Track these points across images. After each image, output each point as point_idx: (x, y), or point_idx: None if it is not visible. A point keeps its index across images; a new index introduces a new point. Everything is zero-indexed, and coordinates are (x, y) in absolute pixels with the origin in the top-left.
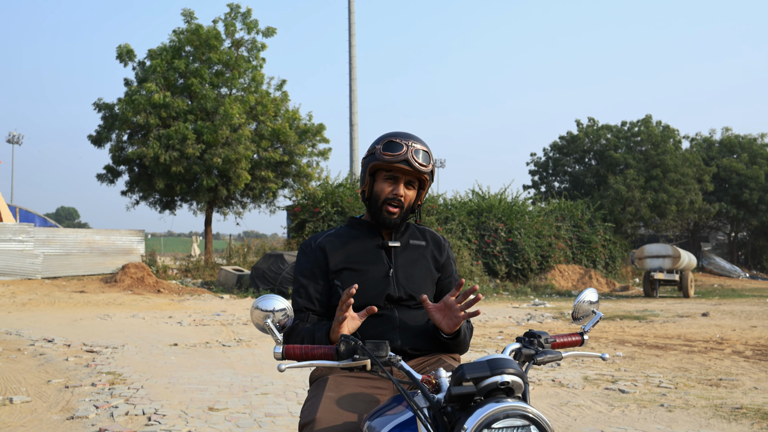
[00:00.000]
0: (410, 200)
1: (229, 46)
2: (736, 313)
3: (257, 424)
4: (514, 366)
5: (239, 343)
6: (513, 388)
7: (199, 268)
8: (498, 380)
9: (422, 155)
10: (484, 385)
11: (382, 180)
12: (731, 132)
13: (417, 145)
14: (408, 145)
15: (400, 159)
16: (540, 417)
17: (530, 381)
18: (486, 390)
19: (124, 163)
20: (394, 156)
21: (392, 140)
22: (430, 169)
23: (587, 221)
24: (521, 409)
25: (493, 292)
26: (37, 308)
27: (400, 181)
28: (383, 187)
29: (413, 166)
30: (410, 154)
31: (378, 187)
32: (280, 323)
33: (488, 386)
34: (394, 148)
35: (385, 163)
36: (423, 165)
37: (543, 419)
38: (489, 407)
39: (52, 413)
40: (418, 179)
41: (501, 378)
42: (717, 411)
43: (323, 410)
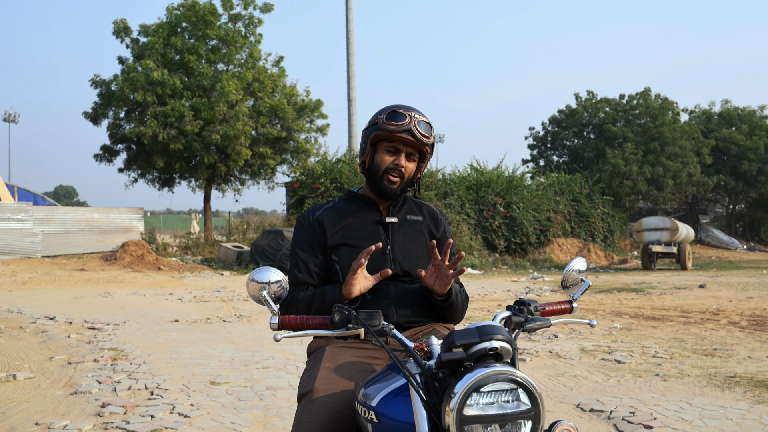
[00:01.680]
0: (410, 172)
1: (225, 21)
2: (733, 284)
3: (258, 397)
4: (503, 332)
5: (240, 318)
6: (501, 354)
7: (199, 245)
8: (487, 346)
9: (424, 126)
10: (473, 351)
11: (383, 151)
12: (730, 104)
13: (419, 116)
14: (411, 115)
15: (403, 129)
16: (527, 381)
17: (528, 352)
18: (475, 356)
19: (122, 142)
20: (397, 126)
21: (396, 110)
22: (431, 140)
23: (586, 195)
24: (509, 374)
25: (492, 267)
26: (37, 286)
27: (402, 151)
28: (384, 157)
29: (416, 136)
30: (413, 124)
31: (379, 158)
32: (275, 295)
33: (477, 352)
34: (398, 117)
35: (388, 133)
36: (425, 136)
37: (530, 383)
38: (478, 372)
39: (55, 389)
40: (419, 151)
41: (489, 344)
42: (711, 380)
43: (321, 380)
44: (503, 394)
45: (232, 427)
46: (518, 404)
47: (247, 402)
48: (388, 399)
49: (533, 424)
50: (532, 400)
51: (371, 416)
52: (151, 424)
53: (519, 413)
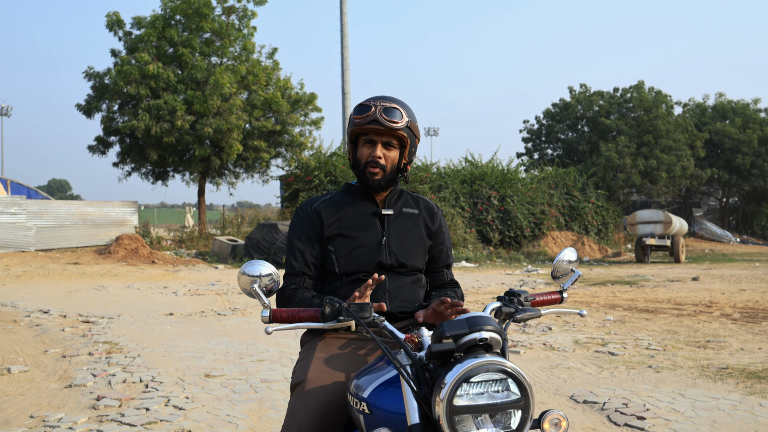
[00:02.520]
0: (393, 161)
1: (219, 14)
2: (726, 277)
3: (253, 389)
4: (492, 323)
5: (234, 311)
6: (491, 344)
7: (193, 239)
8: (476, 337)
9: (392, 112)
10: (463, 342)
11: (362, 145)
12: (724, 98)
13: (387, 103)
14: (376, 105)
15: (369, 119)
16: (516, 370)
17: (522, 345)
18: (465, 346)
19: (115, 134)
20: (363, 117)
21: (362, 104)
22: (402, 125)
23: (580, 188)
24: (498, 364)
25: (487, 260)
26: (31, 280)
27: (377, 142)
28: (363, 151)
29: (383, 124)
30: (378, 113)
31: (359, 153)
32: (266, 288)
33: (467, 343)
34: (363, 110)
35: (359, 127)
36: (393, 122)
37: (519, 372)
38: (467, 362)
39: (50, 382)
40: (398, 139)
41: (479, 335)
42: (704, 371)
43: (314, 370)
44: (493, 384)
45: (227, 420)
46: (508, 394)
47: (242, 394)
48: (380, 390)
49: (523, 413)
50: (521, 390)
51: (363, 407)
52: (146, 417)
53: (509, 403)
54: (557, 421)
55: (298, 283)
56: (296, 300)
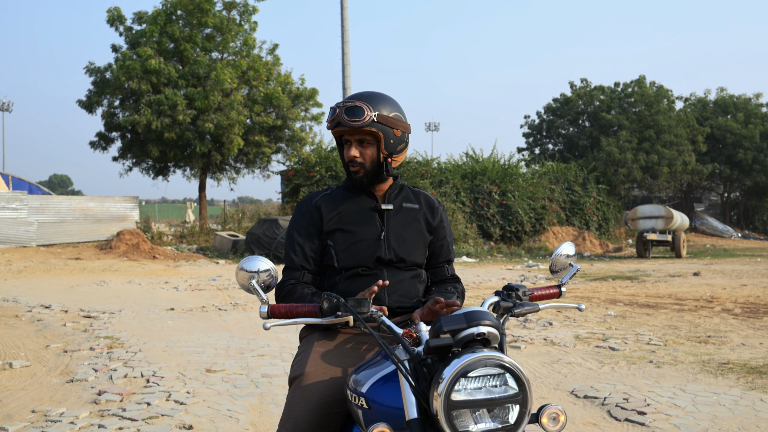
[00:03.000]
0: (371, 157)
1: (220, 9)
2: (727, 272)
3: (254, 384)
4: (490, 318)
5: (235, 306)
6: (489, 339)
7: (194, 234)
8: (474, 332)
9: (354, 111)
10: (460, 336)
11: (344, 146)
12: (726, 92)
13: (350, 102)
14: (340, 107)
15: (335, 123)
16: (514, 365)
17: (523, 340)
18: (463, 341)
19: (117, 130)
20: (330, 122)
21: (331, 108)
22: (365, 121)
23: (580, 183)
24: (496, 358)
25: (487, 255)
26: (33, 275)
27: (351, 143)
28: (343, 152)
29: (346, 124)
30: (341, 114)
31: (343, 154)
32: (264, 284)
33: (465, 338)
34: (330, 114)
35: (335, 131)
36: (354, 120)
37: (517, 367)
38: (465, 357)
39: (51, 377)
40: (371, 134)
41: (477, 329)
42: (704, 366)
43: (312, 365)
44: (491, 378)
45: (228, 414)
46: (506, 389)
47: (242, 389)
48: (378, 385)
49: (521, 408)
50: (519, 385)
51: (361, 402)
52: (147, 412)
53: (506, 398)
54: (555, 416)
55: (298, 278)
56: (296, 296)
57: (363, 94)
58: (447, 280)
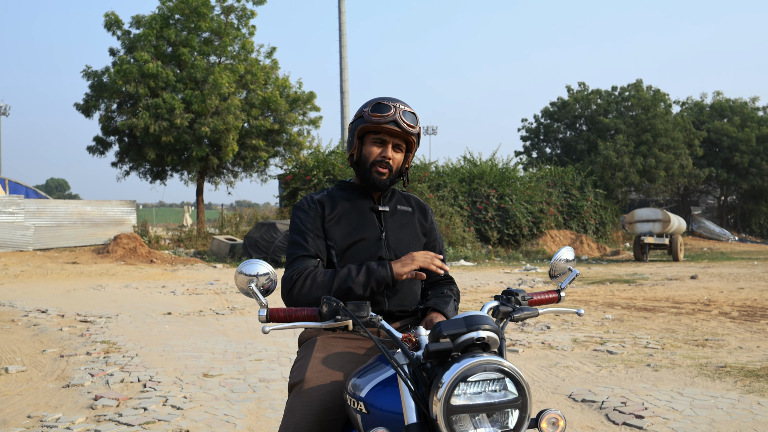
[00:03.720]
0: (398, 163)
1: (218, 13)
2: (725, 275)
3: (251, 389)
4: (490, 322)
5: (233, 311)
6: (489, 344)
7: (192, 238)
8: (474, 336)
9: (410, 116)
10: (460, 341)
11: (370, 143)
12: (722, 96)
13: (404, 107)
14: (396, 107)
15: (389, 120)
16: (514, 370)
17: (520, 343)
18: (462, 346)
19: (114, 134)
20: (382, 117)
21: (381, 102)
22: (417, 130)
23: (578, 187)
24: (496, 363)
25: (485, 258)
26: (29, 280)
27: (388, 143)
28: (372, 149)
29: (402, 126)
30: (398, 115)
31: (366, 150)
32: (263, 287)
33: (464, 342)
34: (383, 109)
35: (374, 125)
36: (411, 126)
37: (517, 372)
38: (465, 362)
39: (47, 382)
40: (405, 142)
41: (477, 334)
42: (702, 370)
43: (312, 370)
44: (490, 383)
45: (225, 419)
46: (505, 393)
47: (240, 394)
48: (377, 390)
49: (520, 413)
50: (519, 390)
51: (360, 407)
52: (144, 417)
53: (506, 402)
54: (555, 421)
55: (314, 266)
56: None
57: (402, 101)
58: (441, 282)
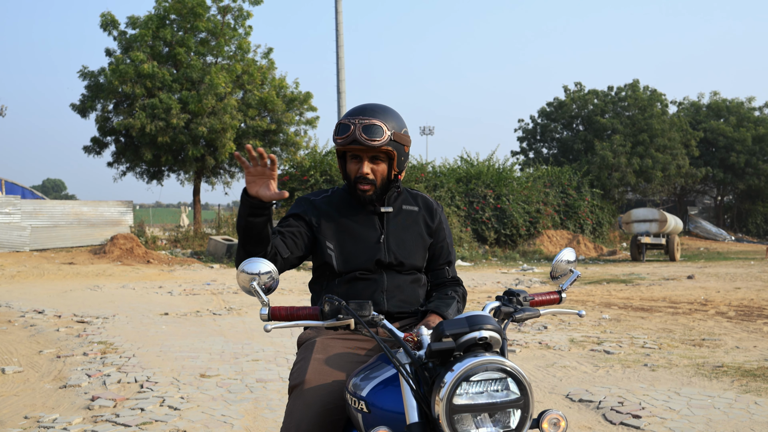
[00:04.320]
0: (382, 173)
1: (215, 13)
2: (721, 275)
3: (248, 389)
4: (492, 322)
5: (230, 311)
6: (491, 344)
7: (189, 239)
8: (476, 336)
9: (372, 130)
10: (462, 340)
11: (349, 160)
12: (719, 96)
13: (366, 120)
14: (355, 123)
15: (349, 141)
16: (516, 369)
17: (518, 343)
18: (465, 345)
19: (110, 134)
20: (343, 138)
21: (341, 122)
22: (383, 141)
23: (575, 187)
24: (498, 363)
25: (482, 258)
26: (26, 280)
27: (364, 159)
28: (351, 167)
29: (363, 143)
30: (358, 132)
31: (348, 168)
32: (265, 286)
33: (467, 342)
34: (342, 130)
35: (342, 147)
36: (374, 140)
37: (519, 371)
38: (467, 361)
39: (44, 382)
40: (385, 153)
41: (479, 334)
42: (699, 369)
43: (312, 372)
44: (492, 383)
45: (222, 420)
46: (507, 393)
47: (237, 394)
48: (379, 389)
49: (522, 412)
50: (521, 389)
51: (361, 406)
52: (141, 417)
53: (508, 402)
54: (556, 421)
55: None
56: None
57: (374, 109)
58: (447, 283)
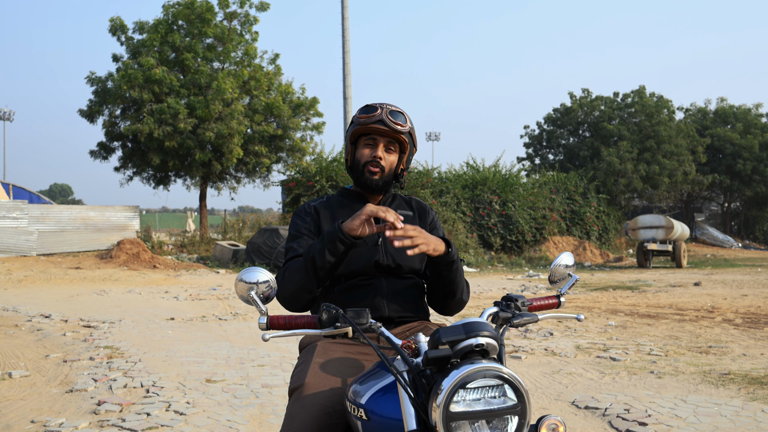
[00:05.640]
0: (391, 164)
1: (222, 19)
2: (728, 282)
3: (254, 394)
4: (489, 328)
5: (235, 316)
6: (488, 350)
7: (195, 244)
8: (473, 342)
9: (397, 115)
10: (459, 347)
11: (362, 146)
12: (726, 102)
13: (392, 107)
14: (383, 107)
15: (376, 119)
16: (513, 376)
17: (524, 350)
18: (462, 352)
19: (117, 139)
20: (369, 117)
21: (368, 105)
22: (406, 129)
23: (581, 193)
24: (495, 370)
25: (488, 265)
26: (33, 285)
27: (379, 143)
28: (363, 151)
29: (389, 125)
30: (385, 114)
31: (359, 153)
32: (263, 295)
33: (463, 349)
34: (370, 110)
35: (362, 126)
36: (399, 124)
37: (516, 378)
38: (464, 368)
39: (51, 387)
40: (398, 142)
41: (476, 340)
42: (705, 377)
43: (312, 375)
44: (489, 390)
45: (228, 425)
46: (505, 400)
47: (242, 400)
48: (377, 396)
49: (520, 419)
50: (518, 396)
51: (361, 414)
52: (147, 422)
53: (505, 409)
54: (555, 427)
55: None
56: (291, 269)
57: (391, 104)
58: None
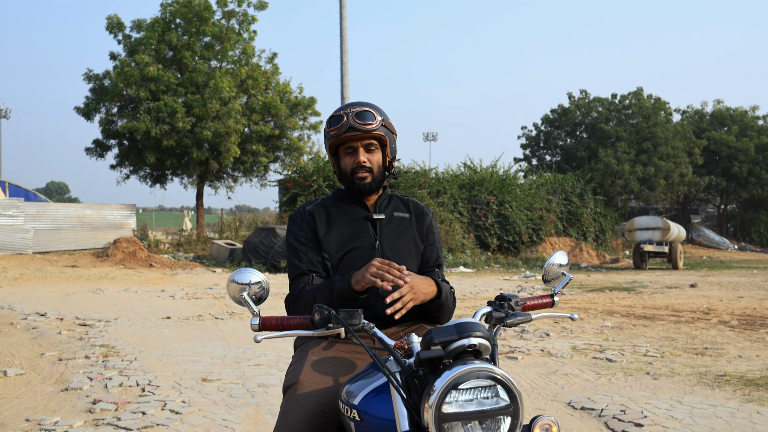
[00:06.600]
0: (377, 162)
1: (220, 18)
2: (724, 284)
3: (250, 394)
4: (481, 329)
5: (232, 315)
6: (480, 351)
7: (191, 243)
8: (465, 343)
9: (365, 115)
10: (451, 348)
11: (343, 155)
12: (723, 104)
13: (357, 108)
14: (347, 112)
15: (344, 129)
16: (505, 377)
17: (520, 351)
18: (454, 353)
19: (114, 137)
20: (338, 128)
21: (332, 116)
22: (376, 125)
23: (578, 194)
24: (487, 370)
25: (485, 265)
26: (28, 283)
27: (358, 148)
28: (346, 161)
29: (359, 128)
30: (352, 119)
31: (343, 163)
32: (255, 296)
33: (456, 349)
34: (335, 121)
35: (336, 138)
36: (368, 123)
37: (508, 379)
38: (456, 369)
39: (46, 385)
40: (377, 140)
41: (468, 341)
42: (701, 378)
43: (306, 374)
44: (482, 390)
45: (224, 424)
46: (497, 400)
47: (238, 399)
48: (370, 397)
49: (512, 420)
50: (510, 397)
51: (354, 414)
52: (143, 421)
53: (498, 409)
54: (548, 427)
55: (307, 282)
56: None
57: (360, 101)
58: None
